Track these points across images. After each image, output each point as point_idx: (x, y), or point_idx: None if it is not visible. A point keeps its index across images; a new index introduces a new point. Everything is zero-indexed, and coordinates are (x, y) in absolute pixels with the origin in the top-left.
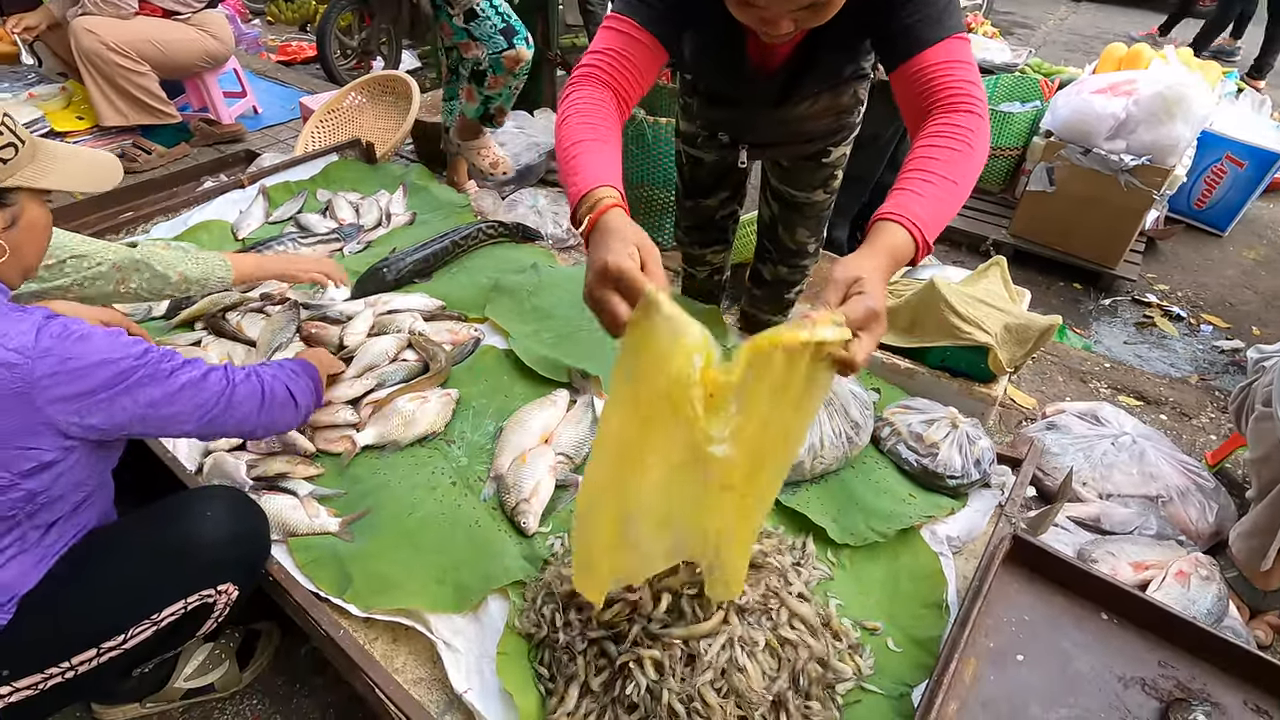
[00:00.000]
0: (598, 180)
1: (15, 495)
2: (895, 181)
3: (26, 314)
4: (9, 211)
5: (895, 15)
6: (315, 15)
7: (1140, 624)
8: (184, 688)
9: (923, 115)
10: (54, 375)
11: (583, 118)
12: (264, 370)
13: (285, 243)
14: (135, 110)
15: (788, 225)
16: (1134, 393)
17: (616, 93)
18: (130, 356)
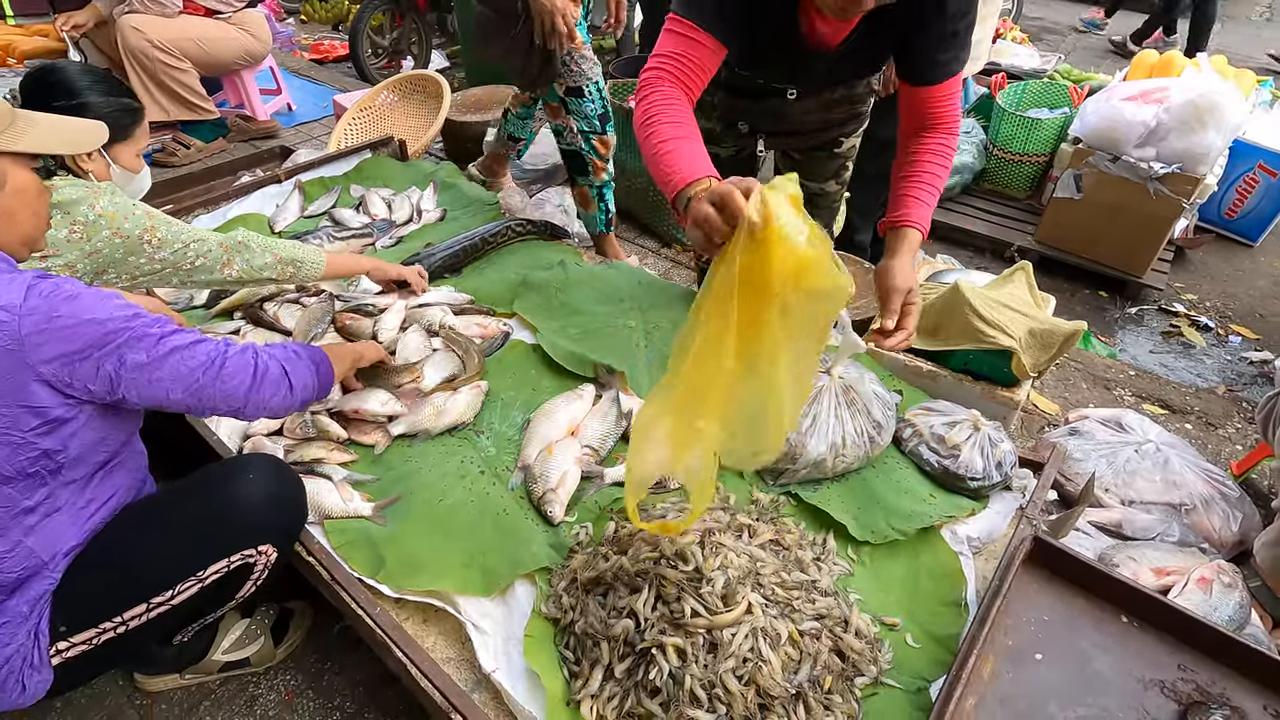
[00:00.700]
0: (697, 173)
1: (32, 453)
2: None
3: (19, 275)
4: None
5: (934, 46)
6: (348, 15)
7: (1160, 627)
8: (221, 660)
9: (922, 129)
10: (41, 332)
11: (667, 118)
12: (264, 348)
13: (320, 236)
14: (176, 106)
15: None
16: (1159, 401)
17: (685, 92)
18: (117, 319)
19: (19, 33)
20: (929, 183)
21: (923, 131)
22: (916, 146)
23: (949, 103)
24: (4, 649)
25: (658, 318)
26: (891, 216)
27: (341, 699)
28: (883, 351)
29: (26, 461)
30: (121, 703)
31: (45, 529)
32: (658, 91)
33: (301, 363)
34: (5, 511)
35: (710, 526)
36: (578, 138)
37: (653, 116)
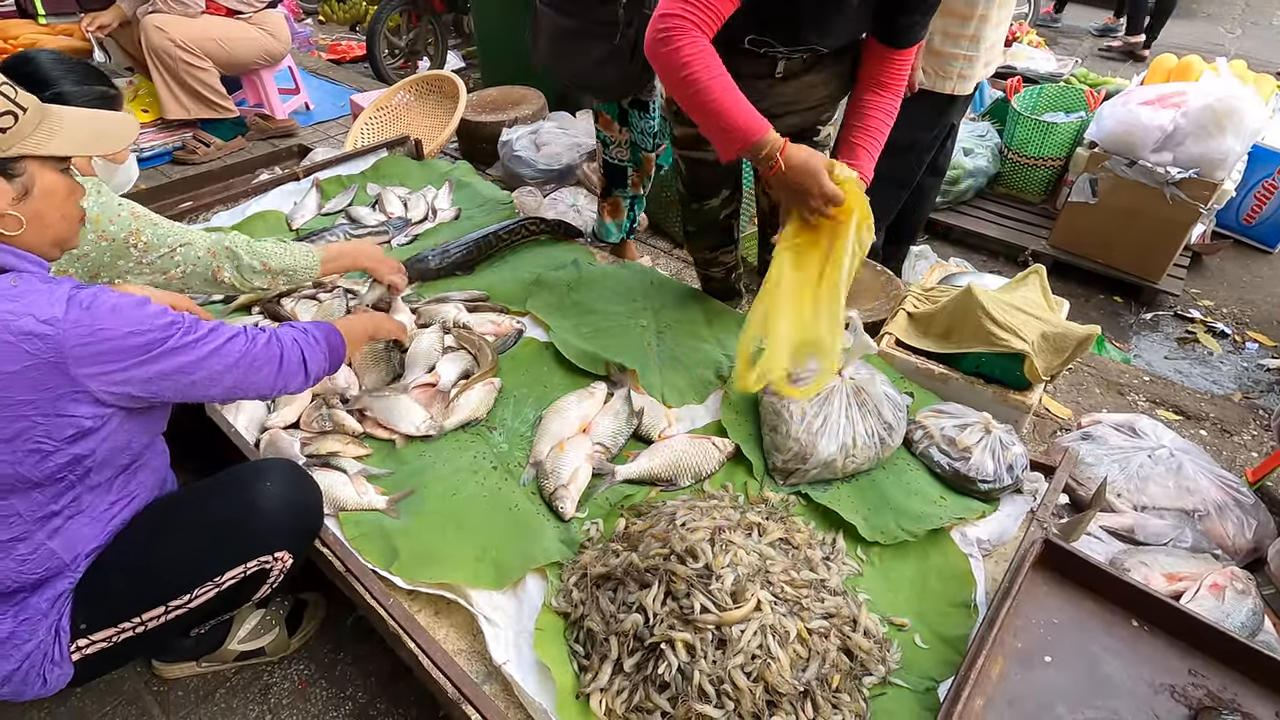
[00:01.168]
0: (760, 125)
1: (62, 460)
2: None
3: (55, 285)
4: (19, 182)
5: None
6: (365, 16)
7: (1171, 632)
8: (237, 650)
9: (878, 87)
10: (84, 345)
11: (713, 71)
12: (284, 334)
13: (337, 234)
14: (197, 104)
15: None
16: (1173, 407)
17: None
18: (156, 328)
19: (45, 32)
20: (877, 139)
21: (878, 89)
22: (872, 102)
23: (904, 67)
24: (25, 644)
25: (669, 317)
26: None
27: (354, 689)
28: (894, 354)
29: (56, 468)
30: (139, 688)
31: (68, 531)
32: (690, 40)
33: (318, 348)
34: (31, 515)
35: (720, 524)
36: (625, 150)
37: (695, 69)
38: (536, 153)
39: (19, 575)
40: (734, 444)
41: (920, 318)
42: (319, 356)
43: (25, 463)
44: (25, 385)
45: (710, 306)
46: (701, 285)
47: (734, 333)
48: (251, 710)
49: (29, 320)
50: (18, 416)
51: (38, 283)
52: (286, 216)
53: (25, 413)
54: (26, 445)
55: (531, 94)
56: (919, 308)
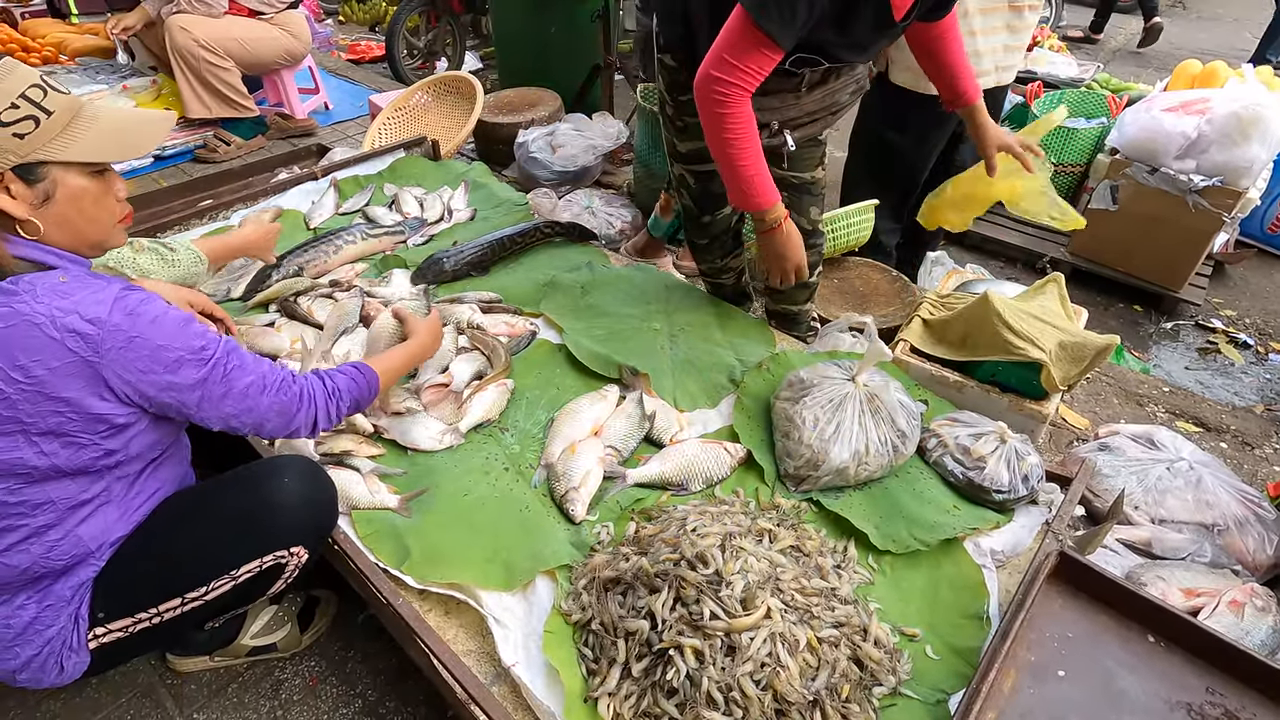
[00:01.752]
0: (774, 197)
1: (95, 453)
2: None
3: (106, 285)
4: (40, 187)
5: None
6: (385, 16)
7: (1189, 649)
8: (249, 645)
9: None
10: (119, 349)
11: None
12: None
13: (354, 233)
14: (218, 103)
15: (800, 207)
16: (1193, 419)
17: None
18: (190, 348)
19: (72, 31)
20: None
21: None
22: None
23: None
24: (46, 631)
25: (683, 320)
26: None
27: (363, 686)
28: (909, 361)
29: (89, 460)
30: (154, 681)
31: (96, 519)
32: (738, 106)
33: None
34: (64, 503)
35: (731, 530)
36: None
37: (737, 134)
38: (552, 154)
39: (47, 561)
40: (746, 449)
41: (936, 325)
42: (348, 408)
43: (61, 454)
44: (64, 381)
45: (724, 310)
46: (710, 293)
47: (747, 337)
48: (263, 705)
49: (75, 318)
50: (52, 411)
51: (88, 279)
52: (304, 215)
53: (61, 409)
54: (61, 438)
55: (548, 95)
56: (934, 314)
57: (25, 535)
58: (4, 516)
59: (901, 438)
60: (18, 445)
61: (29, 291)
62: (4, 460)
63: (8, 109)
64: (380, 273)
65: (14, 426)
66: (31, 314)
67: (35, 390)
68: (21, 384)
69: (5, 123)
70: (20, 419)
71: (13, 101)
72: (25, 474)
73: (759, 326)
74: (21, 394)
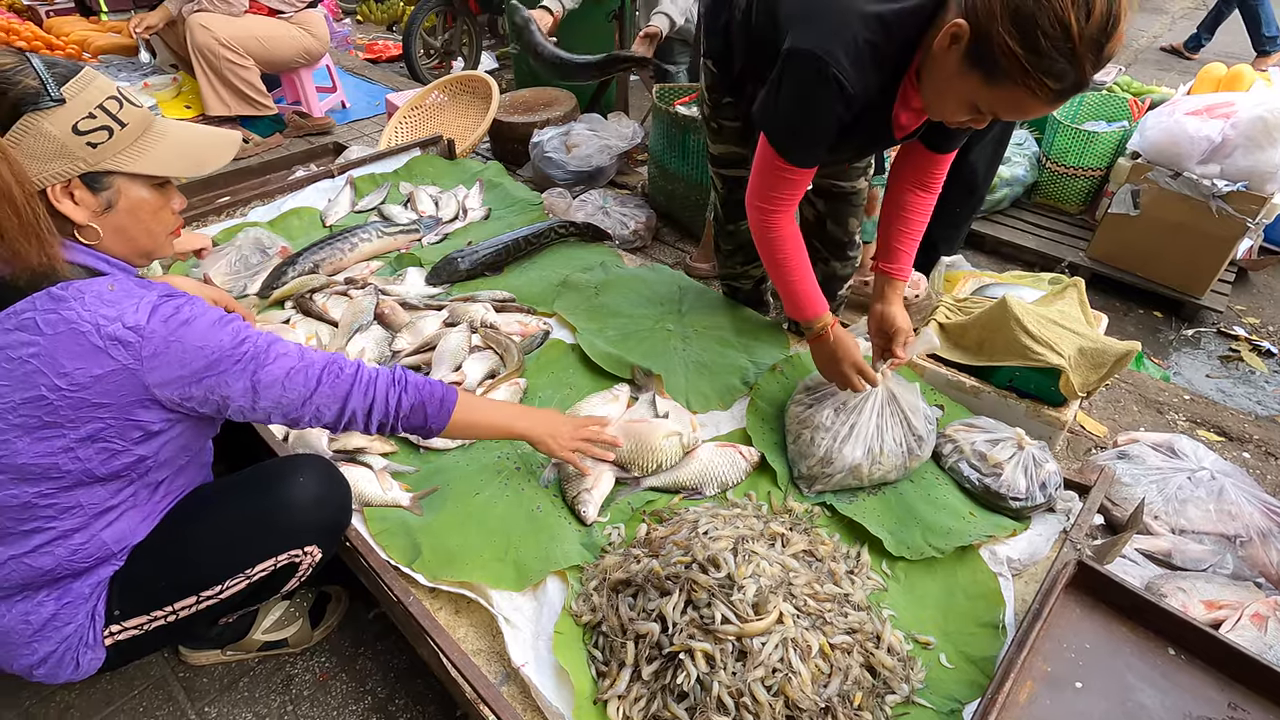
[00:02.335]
0: (822, 306)
1: (128, 460)
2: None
3: (146, 291)
4: (103, 195)
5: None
6: (402, 16)
7: (1210, 662)
8: (261, 640)
9: (920, 187)
10: (158, 355)
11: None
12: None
13: (369, 231)
14: (238, 101)
15: (838, 217)
16: (1215, 427)
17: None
18: (225, 346)
19: (95, 29)
20: (917, 238)
21: (920, 190)
22: (913, 205)
23: (945, 168)
24: (64, 628)
25: (696, 322)
26: (887, 266)
27: (373, 683)
28: (925, 365)
29: (121, 466)
30: (166, 674)
31: (121, 524)
32: (784, 223)
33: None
34: (92, 508)
35: (743, 534)
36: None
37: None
38: (567, 154)
39: (70, 563)
40: (759, 453)
41: (952, 329)
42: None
43: (95, 460)
44: (105, 389)
45: (738, 313)
46: (726, 295)
47: (762, 339)
48: (273, 700)
49: (118, 326)
50: (93, 418)
51: (132, 287)
52: (320, 213)
53: (100, 415)
54: (98, 444)
55: (563, 95)
56: (951, 318)
57: (52, 538)
58: (34, 519)
59: (918, 441)
60: (55, 451)
61: (77, 299)
62: (40, 464)
63: (85, 118)
64: (395, 270)
65: (54, 432)
66: (78, 321)
67: (78, 397)
68: (65, 391)
69: (81, 131)
70: (61, 424)
71: (91, 111)
72: (59, 478)
73: (773, 329)
74: (65, 400)
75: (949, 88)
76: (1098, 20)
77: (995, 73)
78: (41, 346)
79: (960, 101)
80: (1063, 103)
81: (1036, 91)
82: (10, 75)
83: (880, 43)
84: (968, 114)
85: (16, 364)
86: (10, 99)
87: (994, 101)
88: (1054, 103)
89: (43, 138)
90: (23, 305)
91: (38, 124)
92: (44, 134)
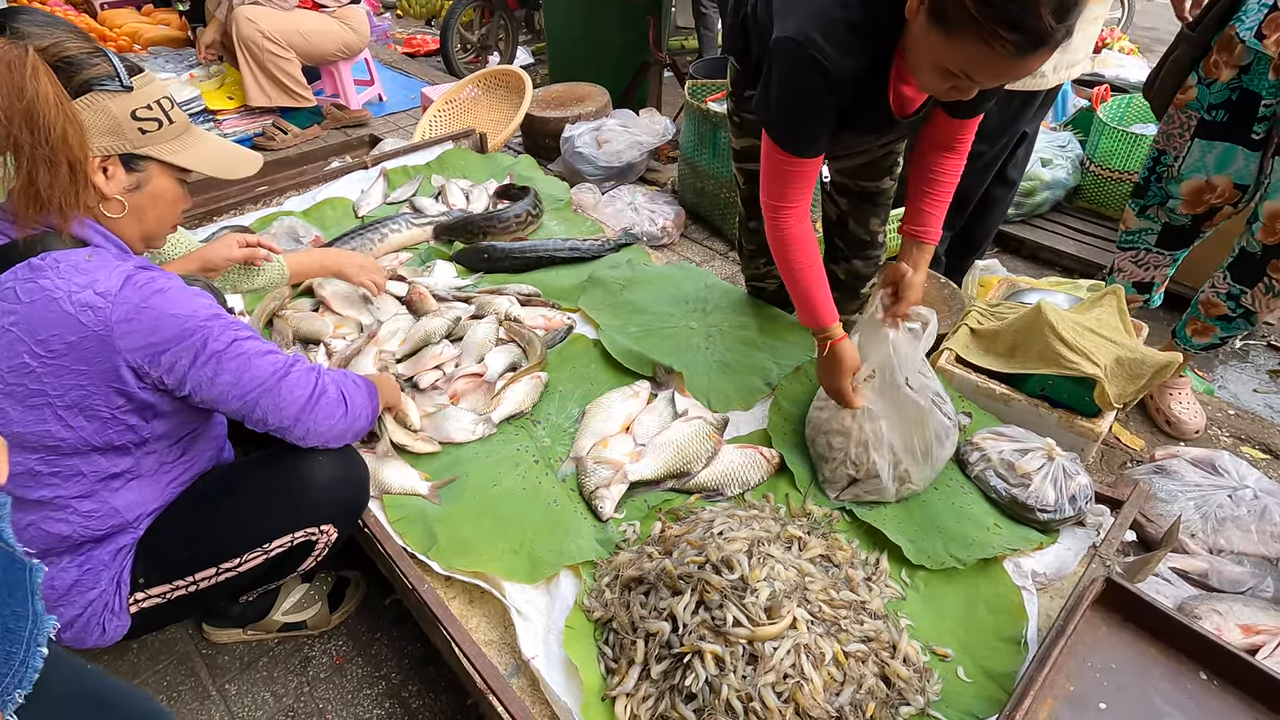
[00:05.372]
0: (831, 316)
1: (119, 428)
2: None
3: (122, 262)
4: (136, 175)
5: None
6: (440, 10)
7: (1246, 690)
8: (280, 621)
9: (946, 149)
10: (129, 321)
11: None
12: (326, 372)
13: (400, 222)
14: (279, 93)
15: (860, 217)
16: (1260, 445)
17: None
18: (198, 317)
19: (146, 21)
20: (945, 199)
21: (946, 151)
22: (940, 165)
23: (971, 130)
24: (89, 593)
25: (720, 320)
26: (914, 229)
27: (388, 669)
28: (954, 371)
29: (114, 434)
30: (189, 650)
31: (128, 492)
32: (794, 222)
33: (361, 392)
34: (94, 475)
35: (759, 536)
36: None
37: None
38: (597, 149)
39: (85, 528)
40: (779, 454)
41: (984, 334)
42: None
43: (85, 428)
44: (80, 355)
45: (763, 312)
46: (748, 290)
47: (787, 340)
48: (291, 680)
49: (89, 293)
50: (74, 385)
51: (110, 258)
52: (353, 204)
53: (80, 382)
54: (85, 413)
55: (596, 91)
56: (983, 324)
57: (62, 505)
58: (40, 486)
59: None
60: (45, 419)
61: (53, 269)
62: (34, 432)
63: (143, 108)
64: (424, 262)
65: (40, 400)
66: (52, 289)
67: (57, 364)
68: (44, 358)
69: (138, 117)
70: (46, 392)
71: (149, 103)
72: (55, 446)
73: (799, 329)
74: (45, 368)
75: (921, 53)
76: None
77: (952, 27)
78: (20, 315)
79: (933, 67)
80: (1034, 59)
81: (993, 44)
82: (89, 58)
83: (859, 21)
84: (944, 80)
85: (0, 333)
86: (85, 74)
87: (960, 61)
88: (1018, 57)
89: (103, 114)
90: (5, 276)
91: (102, 101)
92: (105, 111)
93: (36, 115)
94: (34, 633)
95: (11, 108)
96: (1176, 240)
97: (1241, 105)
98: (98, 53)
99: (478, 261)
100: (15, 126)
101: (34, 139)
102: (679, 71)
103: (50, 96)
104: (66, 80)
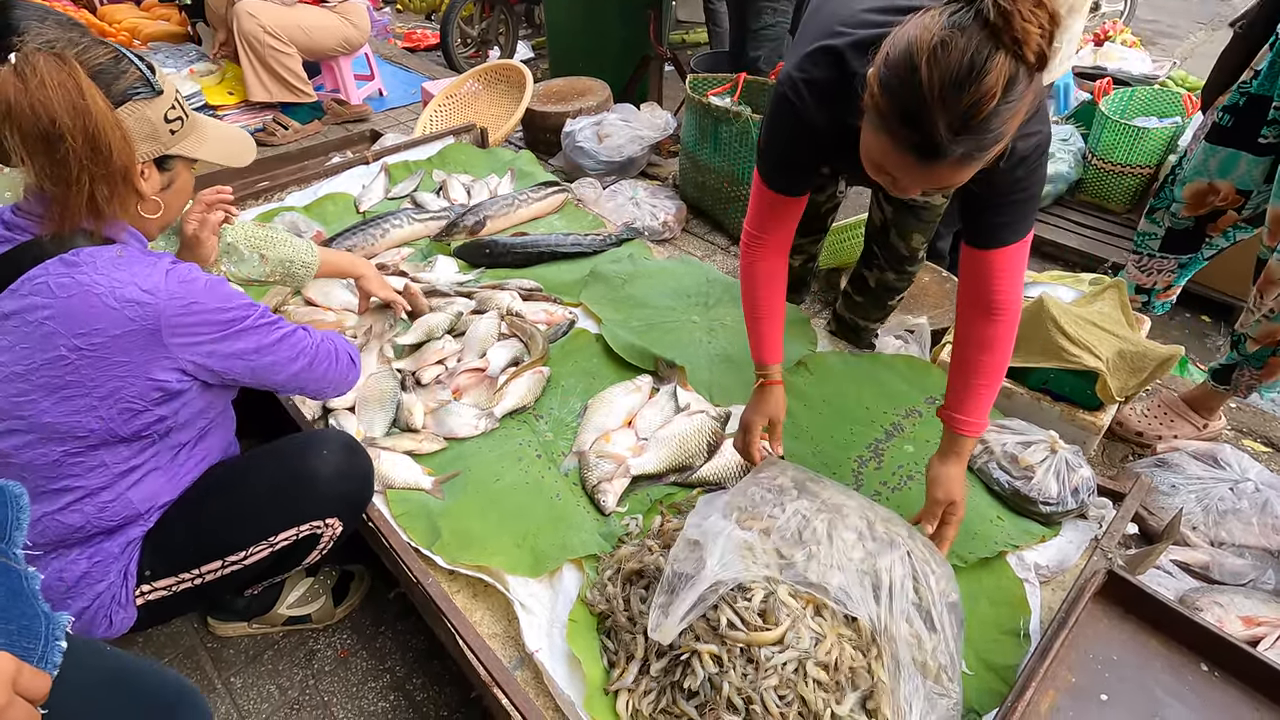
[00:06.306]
0: (774, 358)
1: (149, 419)
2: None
3: (158, 258)
4: (168, 175)
5: (992, 206)
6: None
7: (1246, 681)
8: (285, 614)
9: (988, 310)
10: (179, 316)
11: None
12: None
13: (401, 217)
14: (279, 88)
15: (902, 229)
16: (1262, 438)
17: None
18: (239, 307)
19: (145, 16)
20: (993, 383)
21: (989, 314)
22: (977, 335)
23: (1011, 278)
24: (97, 585)
25: (722, 314)
26: (952, 415)
27: (392, 662)
28: None
29: (142, 426)
30: (195, 644)
31: (146, 484)
32: (762, 259)
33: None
34: (116, 467)
35: None
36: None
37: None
38: (598, 144)
39: (98, 521)
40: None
41: None
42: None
43: (117, 420)
44: (122, 348)
45: None
46: None
47: (789, 334)
48: (296, 673)
49: (133, 289)
50: (112, 377)
51: (140, 254)
52: (354, 199)
53: (119, 374)
54: (119, 404)
55: (597, 85)
56: None
57: (80, 495)
58: (62, 477)
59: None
60: (79, 409)
61: (90, 264)
62: (66, 423)
63: (170, 108)
64: (425, 257)
65: (77, 391)
66: (92, 284)
67: (96, 356)
68: (84, 350)
69: (169, 119)
70: (84, 384)
71: (173, 103)
72: (84, 436)
73: (800, 323)
74: (84, 359)
75: (863, 137)
76: (949, 69)
77: (869, 116)
78: (56, 309)
79: (865, 155)
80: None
81: (893, 137)
82: (115, 65)
83: (823, 79)
84: (877, 172)
85: (34, 326)
86: (121, 84)
87: (874, 149)
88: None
89: (144, 121)
90: (36, 271)
91: (141, 110)
92: (145, 119)
93: (97, 136)
94: (50, 629)
95: (75, 127)
96: (1180, 244)
97: (1250, 110)
98: (118, 56)
99: (479, 256)
100: (79, 147)
101: (94, 156)
102: (680, 65)
103: (106, 115)
104: (106, 91)
